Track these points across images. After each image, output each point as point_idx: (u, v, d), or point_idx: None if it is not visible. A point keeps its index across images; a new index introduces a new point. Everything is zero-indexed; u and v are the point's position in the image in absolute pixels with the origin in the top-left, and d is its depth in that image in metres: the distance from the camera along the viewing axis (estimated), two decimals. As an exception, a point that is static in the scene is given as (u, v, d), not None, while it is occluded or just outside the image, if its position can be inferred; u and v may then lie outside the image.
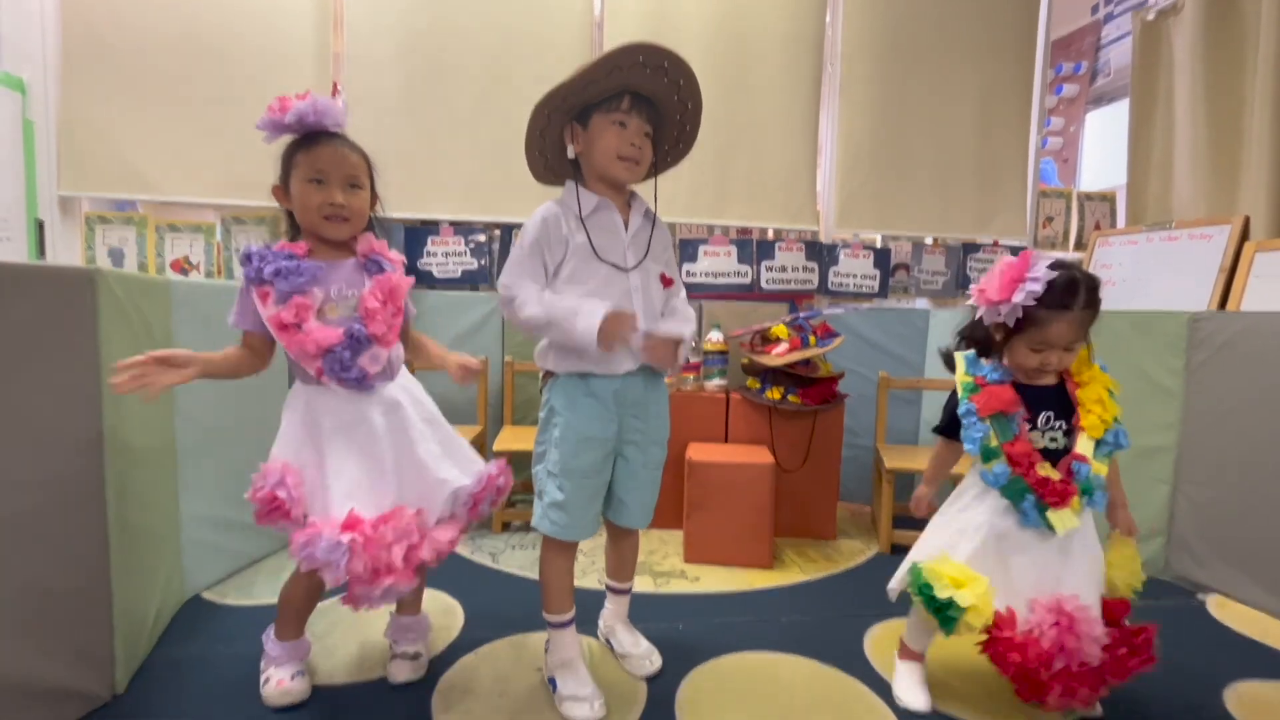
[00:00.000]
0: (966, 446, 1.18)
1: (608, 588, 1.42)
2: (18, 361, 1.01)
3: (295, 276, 1.08)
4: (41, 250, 2.15)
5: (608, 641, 1.41)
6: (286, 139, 1.12)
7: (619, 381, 1.19)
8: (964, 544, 1.17)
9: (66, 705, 1.10)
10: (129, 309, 1.21)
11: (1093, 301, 1.11)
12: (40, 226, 2.15)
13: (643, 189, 1.27)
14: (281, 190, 1.15)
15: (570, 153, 1.19)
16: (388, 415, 1.15)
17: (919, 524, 1.30)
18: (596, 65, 1.08)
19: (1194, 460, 1.78)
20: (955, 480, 1.41)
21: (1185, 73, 2.48)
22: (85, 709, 1.12)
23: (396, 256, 1.22)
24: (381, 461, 1.12)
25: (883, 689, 1.27)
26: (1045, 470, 1.12)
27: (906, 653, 1.28)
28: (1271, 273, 2.04)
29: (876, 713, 1.21)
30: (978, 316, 1.19)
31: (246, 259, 1.09)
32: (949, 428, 1.25)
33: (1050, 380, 1.18)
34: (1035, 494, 1.11)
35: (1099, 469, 1.12)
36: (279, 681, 1.18)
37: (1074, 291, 1.10)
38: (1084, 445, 1.14)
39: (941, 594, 1.11)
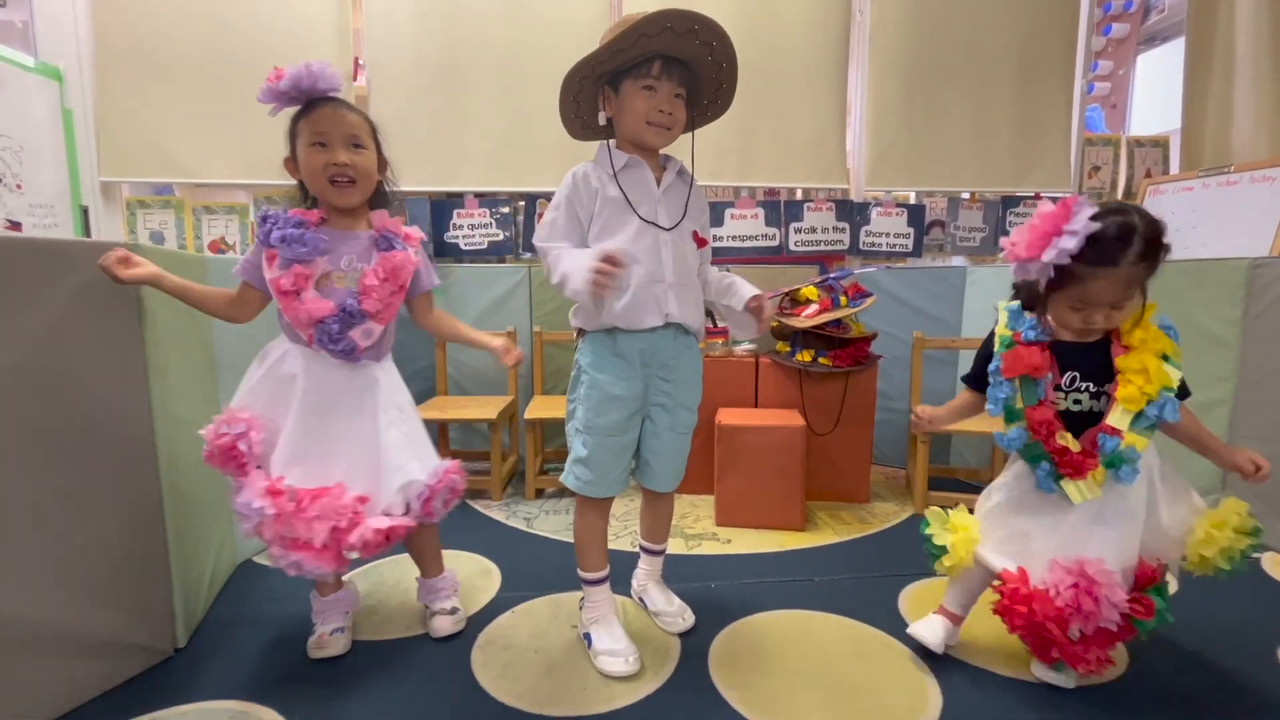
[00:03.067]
0: (988, 406, 1.13)
1: (641, 548, 1.44)
2: (67, 335, 1.05)
3: (298, 245, 1.10)
4: (87, 235, 2.24)
5: (641, 600, 1.43)
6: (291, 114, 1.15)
7: (644, 339, 1.18)
8: (988, 500, 1.19)
9: (134, 658, 1.17)
10: (168, 283, 1.24)
11: (1150, 254, 0.99)
12: (85, 212, 2.23)
13: (678, 149, 1.26)
14: (291, 162, 1.17)
15: (602, 118, 1.20)
16: (363, 393, 1.17)
17: (955, 486, 1.29)
18: (623, 35, 1.08)
19: (1250, 414, 1.70)
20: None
21: (1248, 4, 2.30)
22: (151, 661, 1.19)
23: (415, 234, 1.23)
24: (339, 435, 1.14)
25: (918, 646, 1.26)
26: (1065, 440, 1.06)
27: (943, 610, 1.27)
28: (1341, 214, 1.90)
29: (913, 669, 1.20)
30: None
31: (263, 220, 1.13)
32: (976, 378, 1.21)
33: (1095, 336, 1.10)
34: (1051, 463, 1.07)
35: (1133, 441, 1.03)
36: (319, 635, 1.24)
37: (1124, 243, 0.97)
38: (1117, 417, 1.04)
39: (926, 528, 1.21)
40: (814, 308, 2.04)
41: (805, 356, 2.05)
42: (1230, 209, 2.17)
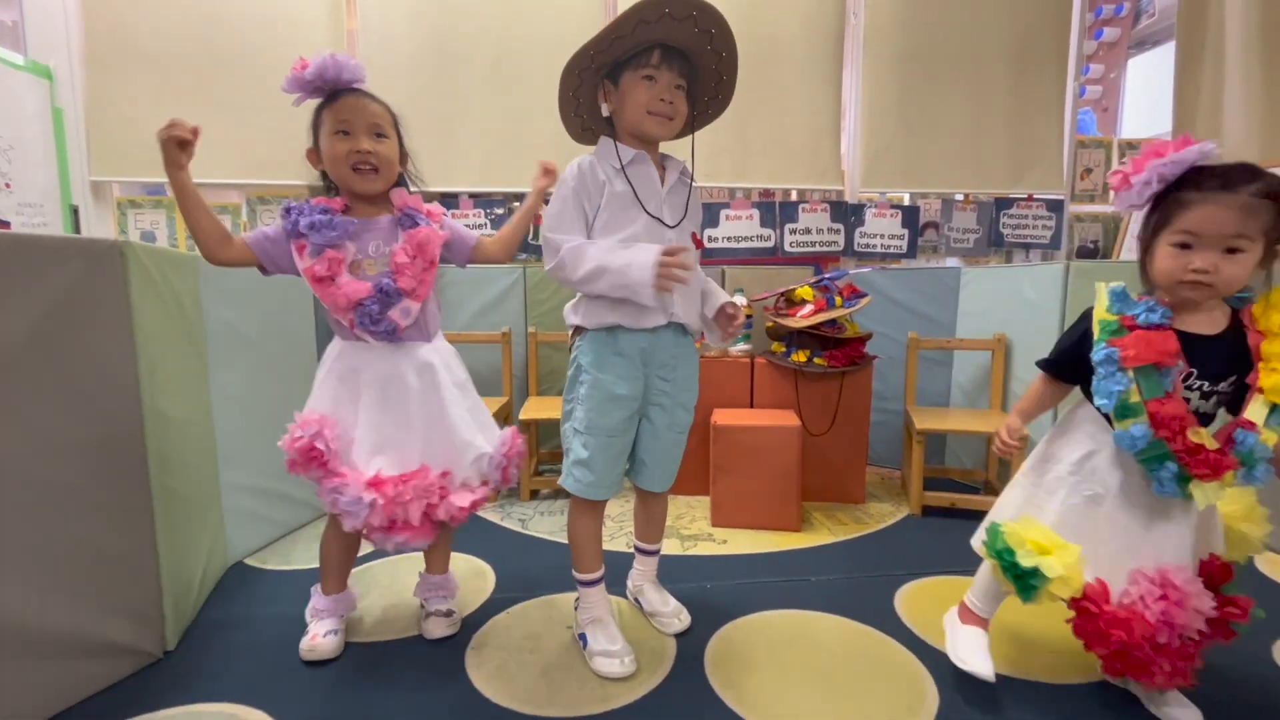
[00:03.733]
0: (1099, 401, 0.97)
1: (636, 549, 1.43)
2: (55, 332, 1.04)
3: (328, 230, 1.12)
4: (77, 234, 2.22)
5: (636, 601, 1.42)
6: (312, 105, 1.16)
7: (647, 338, 1.18)
8: (1051, 503, 1.05)
9: (123, 660, 1.15)
10: (158, 281, 1.23)
11: (1273, 193, 0.86)
12: (75, 211, 2.21)
13: (677, 150, 1.26)
14: (314, 153, 1.19)
15: (605, 111, 1.18)
16: (421, 375, 1.18)
17: (951, 486, 1.23)
18: (622, 20, 1.06)
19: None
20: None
21: (1238, 8, 2.32)
22: (140, 664, 1.17)
23: (437, 210, 1.25)
24: (411, 419, 1.17)
25: (915, 645, 1.26)
26: (1199, 436, 0.92)
27: (969, 616, 1.16)
28: (1330, 215, 1.92)
29: (910, 667, 1.20)
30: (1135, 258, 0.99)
31: (286, 212, 1.14)
32: (1058, 365, 1.07)
33: (1216, 326, 0.95)
34: (1179, 463, 0.93)
35: (1269, 438, 0.91)
36: (312, 636, 1.23)
37: (1247, 173, 0.87)
38: (1256, 410, 0.92)
39: (1025, 561, 0.99)
40: (809, 308, 2.04)
41: (801, 357, 2.05)
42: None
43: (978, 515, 1.90)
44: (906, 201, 2.69)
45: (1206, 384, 0.95)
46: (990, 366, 2.16)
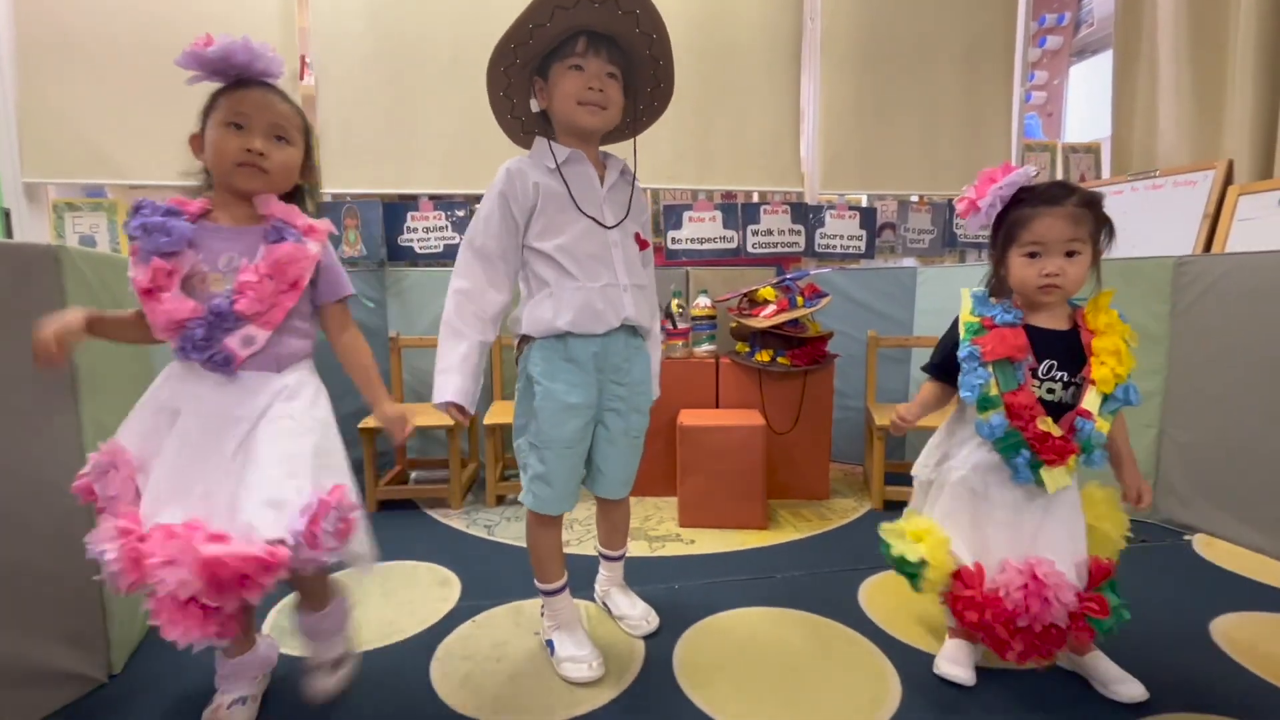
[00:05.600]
0: (963, 394, 1.08)
1: (601, 555, 1.42)
2: (-15, 343, 0.98)
3: (159, 234, 0.92)
4: (9, 239, 2.10)
5: (605, 605, 1.41)
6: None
7: (599, 342, 1.14)
8: (941, 499, 1.15)
9: (64, 687, 1.09)
10: (97, 288, 1.17)
11: (1091, 203, 1.03)
12: (7, 215, 2.10)
13: (619, 149, 1.24)
14: (199, 140, 1.00)
15: (535, 105, 1.13)
16: (254, 413, 0.95)
17: (912, 481, 1.27)
18: (537, 6, 1.02)
19: (1179, 404, 1.80)
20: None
21: (1169, 18, 2.45)
22: (82, 690, 1.12)
23: (322, 226, 1.02)
24: (219, 464, 0.92)
25: (879, 638, 1.29)
26: (1046, 425, 1.03)
27: (954, 631, 1.20)
28: (1255, 215, 2.04)
29: (874, 661, 1.23)
30: (990, 269, 1.12)
31: (136, 208, 0.95)
32: (940, 368, 1.17)
33: (1062, 323, 1.08)
34: (1031, 450, 1.03)
35: (1103, 426, 1.03)
36: (216, 706, 1.04)
37: (1063, 188, 1.03)
38: (1091, 400, 1.03)
39: (894, 550, 1.13)
40: (772, 308, 2.07)
41: (764, 356, 2.08)
42: (1157, 210, 2.31)
43: (936, 508, 1.97)
44: (864, 203, 2.75)
45: (1066, 375, 1.07)
46: (946, 363, 2.22)
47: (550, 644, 1.22)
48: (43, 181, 2.18)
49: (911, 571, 1.11)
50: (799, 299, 2.08)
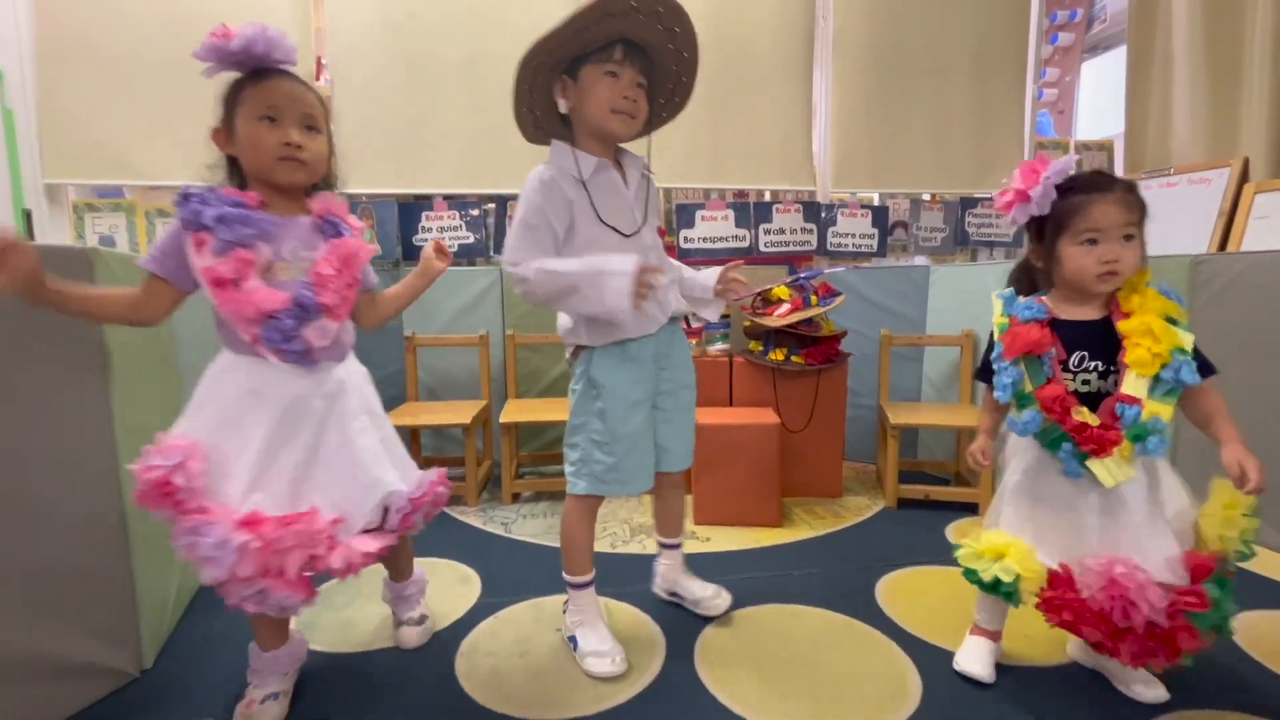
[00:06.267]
0: (996, 394, 1.08)
1: (661, 545, 1.44)
2: (21, 343, 1.00)
3: (241, 226, 0.94)
4: (30, 240, 2.13)
5: (673, 595, 1.43)
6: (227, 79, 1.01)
7: (652, 340, 1.21)
8: (1006, 509, 1.12)
9: (97, 681, 1.12)
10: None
11: (1134, 189, 1.02)
12: (28, 216, 2.12)
13: (634, 145, 1.24)
14: (223, 133, 1.02)
15: (562, 107, 1.14)
16: (328, 401, 1.03)
17: (924, 479, 1.27)
18: (587, 11, 1.03)
19: (1196, 403, 1.79)
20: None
21: (1183, 14, 2.44)
22: (116, 684, 1.14)
23: (356, 223, 1.11)
24: (309, 454, 1.00)
25: (898, 635, 1.30)
26: (1081, 415, 1.01)
27: (976, 629, 1.20)
28: (1271, 213, 2.03)
29: (894, 657, 1.24)
30: (1020, 261, 1.11)
31: (184, 199, 0.94)
32: (985, 373, 1.15)
33: (1097, 312, 1.06)
34: (1073, 441, 1.01)
35: (1155, 410, 0.97)
36: (249, 701, 1.06)
37: (1106, 175, 1.03)
38: (1132, 384, 0.99)
39: (986, 576, 1.06)
40: (786, 307, 2.08)
41: (778, 355, 2.09)
42: (1171, 208, 2.29)
43: (951, 506, 1.98)
44: (876, 202, 2.75)
45: (1100, 364, 1.04)
46: (959, 361, 2.23)
47: (573, 640, 1.24)
48: (63, 182, 2.21)
49: (1009, 590, 1.05)
50: (813, 298, 2.09)
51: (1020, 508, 1.10)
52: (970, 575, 1.10)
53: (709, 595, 1.38)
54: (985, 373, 1.16)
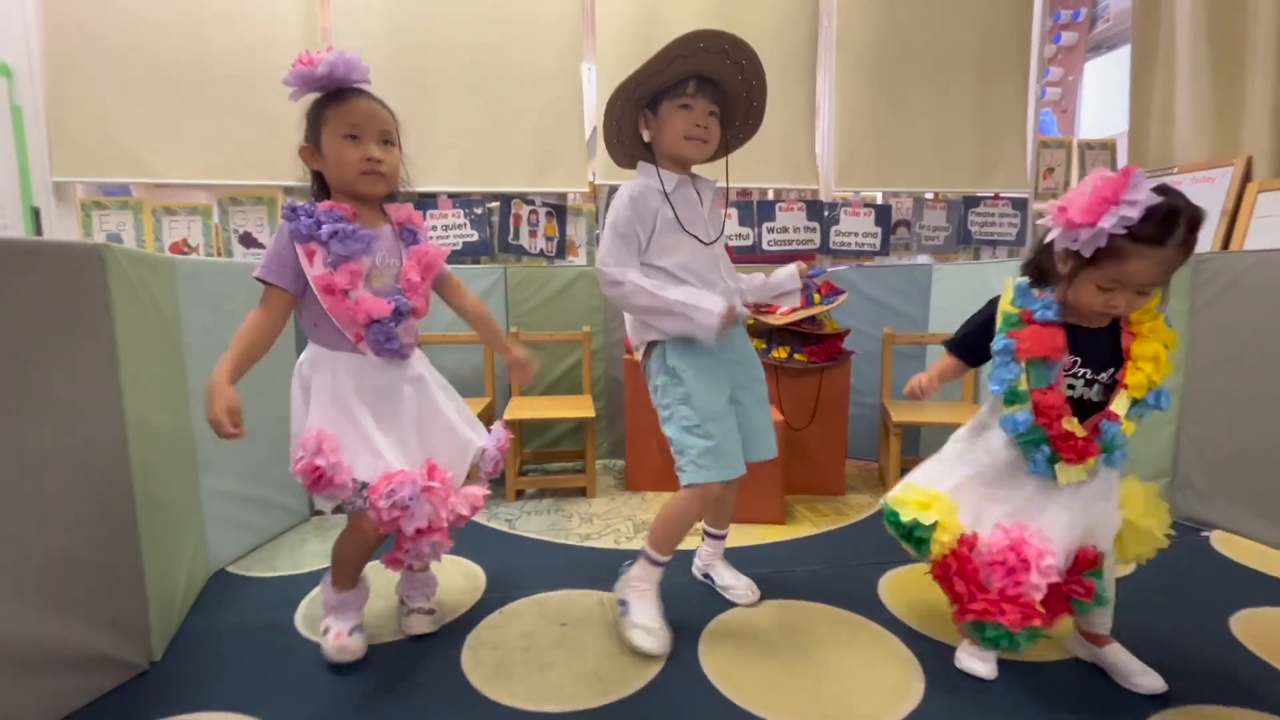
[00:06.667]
0: (992, 386, 1.08)
1: (706, 533, 1.51)
2: (33, 338, 1.01)
3: (352, 241, 1.08)
4: (38, 236, 2.14)
5: (707, 577, 1.51)
6: (307, 100, 1.12)
7: (720, 337, 1.26)
8: (951, 476, 1.16)
9: (107, 673, 1.13)
10: (137, 286, 1.21)
11: (1189, 242, 0.93)
12: (36, 213, 2.14)
13: (710, 170, 1.36)
14: (310, 150, 1.13)
15: (645, 137, 1.28)
16: (414, 384, 1.19)
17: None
18: (660, 56, 1.16)
19: (1198, 401, 1.80)
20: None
21: (1187, 13, 2.44)
22: (126, 675, 1.15)
23: (424, 224, 1.26)
24: (413, 426, 1.17)
25: (901, 631, 1.31)
26: (1071, 425, 1.03)
27: None
28: (1274, 212, 2.04)
29: (897, 653, 1.24)
30: (1047, 240, 1.02)
31: (293, 212, 1.07)
32: (962, 346, 1.18)
33: (1099, 323, 1.06)
34: (1053, 447, 1.04)
35: (1129, 428, 1.03)
36: (336, 634, 1.20)
37: (1171, 225, 0.91)
38: (1120, 403, 1.03)
39: (906, 517, 1.13)
40: (789, 305, 2.08)
41: (781, 353, 2.09)
42: (1174, 208, 2.30)
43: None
44: (879, 200, 2.75)
45: (1089, 372, 1.06)
46: (962, 360, 2.23)
47: (625, 604, 1.29)
48: (71, 180, 2.22)
49: (922, 536, 1.13)
50: (816, 296, 2.09)
51: (970, 484, 1.14)
52: (891, 516, 1.17)
53: (741, 585, 1.44)
54: (962, 347, 1.19)
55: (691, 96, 1.21)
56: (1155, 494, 1.13)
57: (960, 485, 1.16)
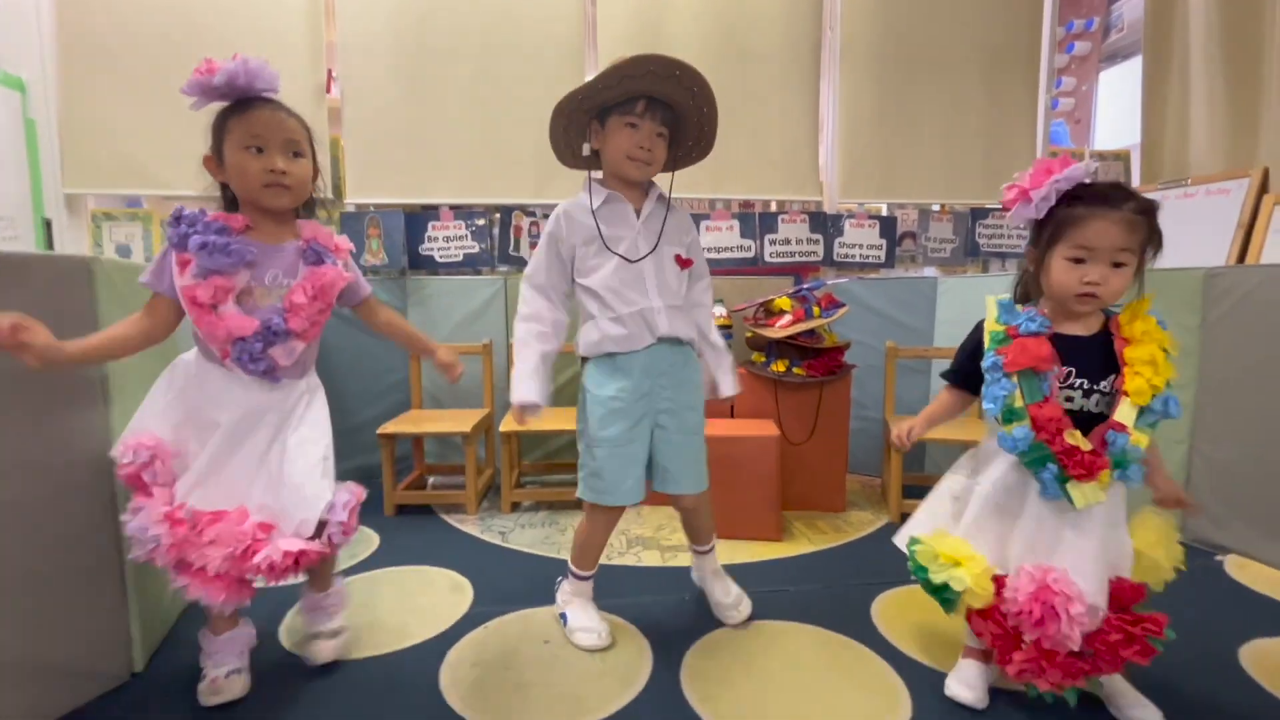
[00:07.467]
0: (986, 405, 1.05)
1: (691, 550, 1.50)
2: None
3: (221, 255, 1.01)
4: (49, 248, 2.19)
5: (702, 589, 1.50)
6: (214, 109, 1.07)
7: (643, 355, 1.27)
8: (968, 513, 1.10)
9: (87, 685, 1.13)
10: (127, 297, 1.22)
11: (1146, 210, 0.96)
12: (48, 225, 2.18)
13: (662, 177, 1.33)
14: (214, 161, 1.08)
15: (586, 149, 1.27)
16: (281, 414, 1.10)
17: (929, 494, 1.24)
18: (608, 73, 1.14)
19: (1211, 419, 1.74)
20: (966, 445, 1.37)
21: (1201, 22, 2.38)
22: (106, 687, 1.15)
23: (345, 244, 1.18)
24: (254, 457, 1.07)
25: (892, 655, 1.27)
26: (1074, 438, 0.98)
27: (968, 651, 1.17)
28: (1291, 225, 1.97)
29: (885, 678, 1.21)
30: (1021, 269, 1.08)
31: (176, 220, 1.02)
32: (958, 375, 1.15)
33: (1091, 328, 1.04)
34: (1059, 464, 0.98)
35: (1139, 439, 0.98)
36: (213, 679, 1.11)
37: (1122, 191, 0.97)
38: (1125, 412, 0.98)
39: (936, 578, 1.06)
40: (787, 318, 2.06)
41: (780, 366, 2.07)
42: (1189, 219, 2.24)
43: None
44: (884, 212, 2.72)
45: (1086, 382, 1.02)
46: (967, 374, 2.18)
47: (564, 616, 1.35)
48: (82, 192, 2.27)
49: (949, 598, 1.06)
50: (815, 309, 2.07)
51: (987, 519, 1.08)
52: (919, 572, 1.11)
53: (728, 603, 1.41)
54: (959, 375, 1.16)
55: (639, 116, 1.20)
56: (1171, 526, 1.06)
57: (973, 525, 1.09)
